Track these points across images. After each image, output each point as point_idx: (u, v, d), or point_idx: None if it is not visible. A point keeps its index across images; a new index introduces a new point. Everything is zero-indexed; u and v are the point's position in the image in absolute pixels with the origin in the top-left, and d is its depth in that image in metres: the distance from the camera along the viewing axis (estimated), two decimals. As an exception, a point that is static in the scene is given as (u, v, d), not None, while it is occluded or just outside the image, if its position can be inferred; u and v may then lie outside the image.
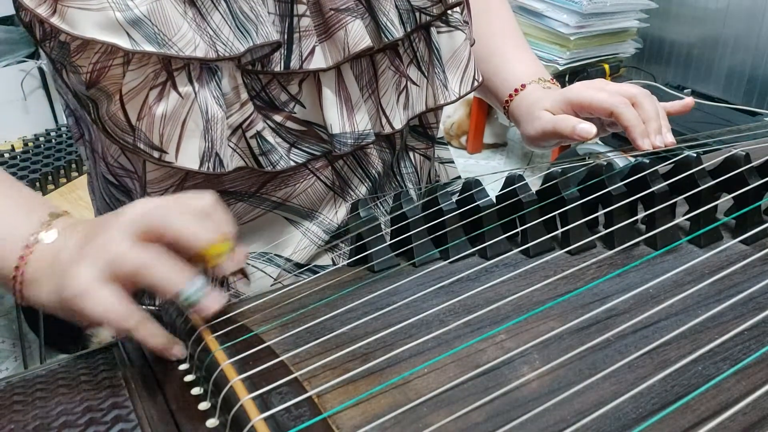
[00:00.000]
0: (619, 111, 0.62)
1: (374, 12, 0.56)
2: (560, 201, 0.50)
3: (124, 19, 0.46)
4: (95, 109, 0.52)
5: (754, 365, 0.38)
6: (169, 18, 0.48)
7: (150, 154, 0.52)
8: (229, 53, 0.50)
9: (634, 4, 2.16)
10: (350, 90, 0.57)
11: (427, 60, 0.62)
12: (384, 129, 0.60)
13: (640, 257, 0.49)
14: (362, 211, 0.52)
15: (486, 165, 2.79)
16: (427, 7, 0.59)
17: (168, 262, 0.39)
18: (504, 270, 0.48)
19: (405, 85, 0.61)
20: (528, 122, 0.69)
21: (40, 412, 0.38)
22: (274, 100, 0.55)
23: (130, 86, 0.49)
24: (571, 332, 0.40)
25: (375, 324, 0.42)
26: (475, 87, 0.65)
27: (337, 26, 0.54)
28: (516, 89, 0.72)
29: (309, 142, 0.58)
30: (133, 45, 0.47)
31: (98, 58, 0.49)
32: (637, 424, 0.33)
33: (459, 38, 0.63)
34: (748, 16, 1.99)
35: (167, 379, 0.40)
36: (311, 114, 0.57)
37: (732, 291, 0.44)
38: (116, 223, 0.40)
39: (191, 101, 0.50)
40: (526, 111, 0.70)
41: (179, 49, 0.48)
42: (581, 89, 0.66)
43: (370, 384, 0.37)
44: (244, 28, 0.50)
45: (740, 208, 0.51)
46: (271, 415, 0.34)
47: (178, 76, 0.49)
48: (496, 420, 0.34)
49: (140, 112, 0.50)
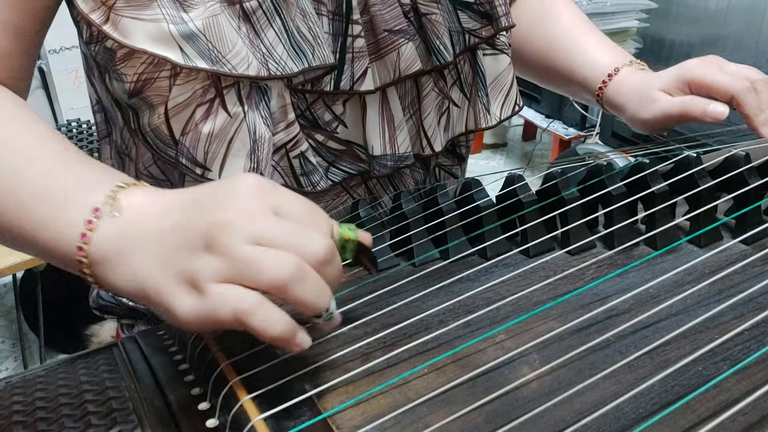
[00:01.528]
0: (742, 97, 0.60)
1: (426, 33, 0.55)
2: (560, 201, 0.50)
3: (178, 32, 0.45)
4: (136, 119, 0.51)
5: (754, 365, 0.38)
6: (224, 34, 0.46)
7: (192, 169, 0.51)
8: (281, 72, 0.49)
9: (634, 4, 2.17)
10: (394, 111, 0.56)
11: (470, 82, 0.61)
12: (424, 151, 0.59)
13: (640, 257, 0.48)
14: (362, 211, 0.52)
15: (486, 165, 2.79)
16: (477, 29, 0.58)
17: (312, 276, 0.35)
18: (504, 270, 0.48)
19: (447, 106, 0.60)
20: (640, 105, 0.66)
21: (40, 412, 0.38)
22: (318, 119, 0.54)
23: (177, 101, 0.48)
24: (571, 332, 0.40)
25: (375, 324, 0.42)
26: (516, 112, 0.64)
27: (389, 48, 0.53)
28: (609, 74, 0.69)
29: (347, 161, 0.57)
30: (186, 60, 0.46)
31: (144, 69, 0.48)
32: (637, 424, 0.33)
33: (504, 62, 0.62)
34: (748, 16, 1.99)
35: (167, 379, 0.40)
36: (352, 134, 0.56)
37: (732, 291, 0.44)
38: (234, 231, 0.34)
39: (240, 121, 0.49)
40: (634, 94, 0.67)
41: (232, 67, 0.47)
42: (700, 68, 0.63)
43: (370, 384, 0.37)
44: (300, 49, 0.49)
45: (740, 208, 0.51)
46: (271, 415, 0.34)
47: (227, 94, 0.48)
48: (496, 420, 0.34)
49: (185, 127, 0.49)
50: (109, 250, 0.38)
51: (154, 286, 0.36)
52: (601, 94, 0.70)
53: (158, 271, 0.36)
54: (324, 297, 0.35)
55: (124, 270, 0.37)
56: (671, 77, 0.64)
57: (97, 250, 0.38)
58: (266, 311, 0.34)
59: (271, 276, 0.33)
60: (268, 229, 0.35)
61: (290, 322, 0.34)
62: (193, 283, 0.34)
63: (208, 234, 0.35)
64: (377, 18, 0.52)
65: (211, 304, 0.34)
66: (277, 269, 0.33)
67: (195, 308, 0.34)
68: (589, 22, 0.76)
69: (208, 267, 0.34)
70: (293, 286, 0.34)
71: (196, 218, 0.36)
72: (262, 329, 0.33)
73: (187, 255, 0.35)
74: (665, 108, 0.64)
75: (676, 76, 0.64)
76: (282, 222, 0.35)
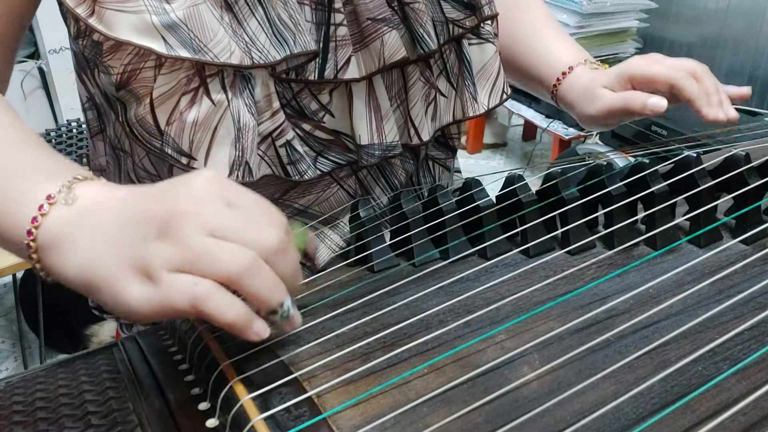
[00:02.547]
0: (681, 84, 0.62)
1: (410, 23, 0.55)
2: (560, 201, 0.50)
3: (161, 23, 0.46)
4: (123, 111, 0.51)
5: (754, 365, 0.38)
6: (205, 23, 0.47)
7: (178, 159, 0.51)
8: (265, 60, 0.49)
9: (634, 4, 2.17)
10: (380, 101, 0.57)
11: (456, 72, 0.62)
12: (411, 140, 0.60)
13: (640, 257, 0.49)
14: (362, 211, 0.52)
15: (486, 165, 2.80)
16: (461, 20, 0.59)
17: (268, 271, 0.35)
18: (504, 270, 0.48)
19: (434, 96, 0.60)
20: (587, 103, 0.68)
21: (41, 412, 0.38)
22: (305, 108, 0.54)
23: (161, 90, 0.49)
24: (571, 332, 0.40)
25: (375, 324, 0.42)
26: (504, 100, 0.64)
27: (373, 36, 0.53)
28: (564, 72, 0.71)
29: (335, 151, 0.57)
30: (168, 50, 0.46)
31: (130, 60, 0.48)
32: (637, 424, 0.33)
33: (489, 50, 0.62)
34: (748, 16, 1.99)
35: (167, 379, 0.40)
36: (340, 123, 0.56)
37: (732, 291, 0.44)
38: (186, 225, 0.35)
39: (224, 109, 0.49)
40: (582, 92, 0.69)
41: (214, 56, 0.47)
42: (641, 63, 0.65)
43: (370, 384, 0.37)
44: (282, 36, 0.50)
45: (740, 208, 0.51)
46: (271, 415, 0.34)
47: (211, 82, 0.49)
48: (496, 420, 0.34)
49: (170, 117, 0.50)
50: (59, 236, 0.38)
51: (104, 275, 0.36)
52: (555, 91, 0.72)
53: (110, 260, 0.36)
54: (277, 292, 0.36)
55: (74, 258, 0.37)
56: (614, 74, 0.66)
57: (46, 235, 0.38)
58: (222, 296, 0.34)
59: (225, 268, 0.34)
60: (222, 221, 0.35)
61: (245, 309, 0.35)
62: (146, 272, 0.35)
63: (162, 223, 0.35)
64: (360, 7, 0.52)
65: (166, 291, 0.34)
66: (230, 261, 0.34)
67: (148, 297, 0.35)
68: (552, 19, 0.77)
69: (161, 255, 0.35)
70: (246, 278, 0.34)
71: (150, 209, 0.36)
72: (219, 314, 0.34)
73: (140, 244, 0.35)
74: (608, 103, 0.66)
75: (618, 73, 0.66)
76: (236, 214, 0.36)
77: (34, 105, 2.20)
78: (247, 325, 0.35)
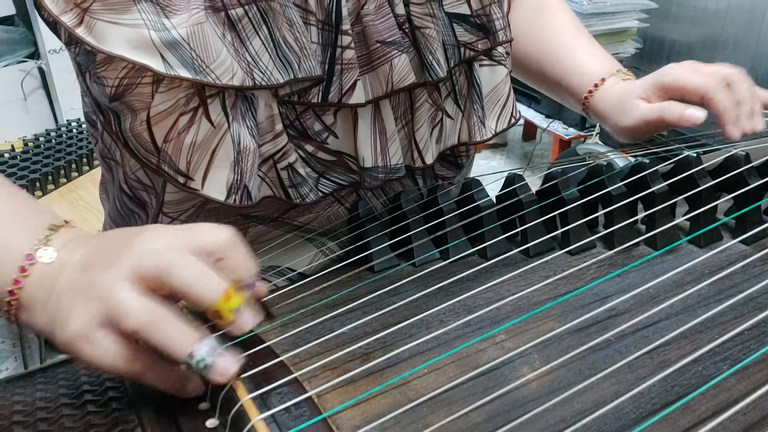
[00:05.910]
0: (711, 95, 0.60)
1: (420, 48, 0.54)
2: (560, 201, 0.50)
3: (160, 40, 0.44)
4: (117, 122, 0.49)
5: (754, 365, 0.38)
6: (209, 43, 0.45)
7: (174, 178, 0.49)
8: (267, 82, 0.47)
9: (634, 4, 2.17)
10: (386, 123, 0.55)
11: (465, 94, 0.60)
12: (415, 163, 0.58)
13: (640, 257, 0.49)
14: (362, 211, 0.52)
15: (486, 165, 2.79)
16: (473, 42, 0.57)
17: (175, 321, 0.35)
18: (504, 270, 0.48)
19: (440, 118, 0.59)
20: (620, 114, 0.67)
21: (41, 412, 0.38)
22: (308, 129, 0.53)
23: (159, 109, 0.47)
24: (571, 332, 0.40)
25: (375, 324, 0.42)
26: (512, 124, 0.63)
27: (382, 60, 0.51)
28: (596, 84, 0.70)
29: (338, 172, 0.56)
30: (168, 69, 0.44)
31: (126, 74, 0.46)
32: (637, 424, 0.33)
33: (501, 73, 0.61)
34: (748, 16, 1.99)
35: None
36: (343, 144, 0.55)
37: (732, 291, 0.44)
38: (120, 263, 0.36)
39: (223, 131, 0.48)
40: (615, 104, 0.68)
41: (216, 77, 0.45)
42: (674, 73, 0.64)
43: (370, 384, 0.37)
44: (286, 60, 0.48)
45: (740, 208, 0.51)
46: (271, 415, 0.34)
47: (211, 103, 0.47)
48: (496, 420, 0.34)
49: (167, 135, 0.48)
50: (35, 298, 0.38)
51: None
52: (587, 103, 0.71)
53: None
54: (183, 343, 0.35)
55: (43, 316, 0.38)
56: (649, 84, 0.65)
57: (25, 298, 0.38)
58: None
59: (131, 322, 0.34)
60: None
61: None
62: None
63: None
64: (370, 28, 0.50)
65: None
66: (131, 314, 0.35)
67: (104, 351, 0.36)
68: (581, 27, 0.76)
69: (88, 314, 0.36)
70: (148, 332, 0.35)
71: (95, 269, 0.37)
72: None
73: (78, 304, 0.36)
74: (644, 115, 0.64)
75: (653, 82, 0.64)
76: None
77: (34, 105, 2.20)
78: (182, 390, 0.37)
